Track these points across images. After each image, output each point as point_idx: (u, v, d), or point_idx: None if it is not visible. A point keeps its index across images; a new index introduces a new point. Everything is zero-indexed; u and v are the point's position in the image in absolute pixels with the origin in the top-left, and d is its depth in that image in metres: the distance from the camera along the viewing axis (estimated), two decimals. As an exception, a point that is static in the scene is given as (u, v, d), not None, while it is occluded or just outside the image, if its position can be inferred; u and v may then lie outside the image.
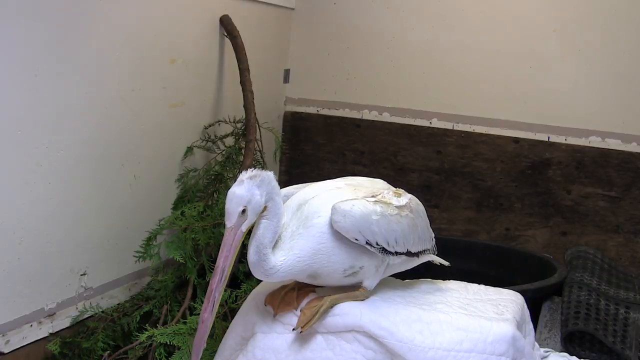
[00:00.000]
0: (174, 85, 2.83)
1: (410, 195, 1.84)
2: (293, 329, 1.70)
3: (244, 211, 1.59)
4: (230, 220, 1.60)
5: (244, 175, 1.61)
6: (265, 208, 1.62)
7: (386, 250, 1.70)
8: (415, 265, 1.92)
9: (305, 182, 1.88)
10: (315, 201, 1.70)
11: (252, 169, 1.63)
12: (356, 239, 1.64)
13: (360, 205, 1.65)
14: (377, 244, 1.67)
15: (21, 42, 2.08)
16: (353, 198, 1.68)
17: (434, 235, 1.96)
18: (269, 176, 1.63)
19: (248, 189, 1.58)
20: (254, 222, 1.63)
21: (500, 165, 3.49)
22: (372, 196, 1.73)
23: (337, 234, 1.65)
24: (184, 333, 2.17)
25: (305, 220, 1.67)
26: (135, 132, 2.64)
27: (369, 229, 1.64)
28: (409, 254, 1.78)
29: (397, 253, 1.73)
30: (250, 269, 1.66)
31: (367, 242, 1.65)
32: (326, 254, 1.66)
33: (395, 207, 1.73)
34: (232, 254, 1.61)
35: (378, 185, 1.87)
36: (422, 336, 1.66)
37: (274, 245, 1.65)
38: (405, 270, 1.90)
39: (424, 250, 1.88)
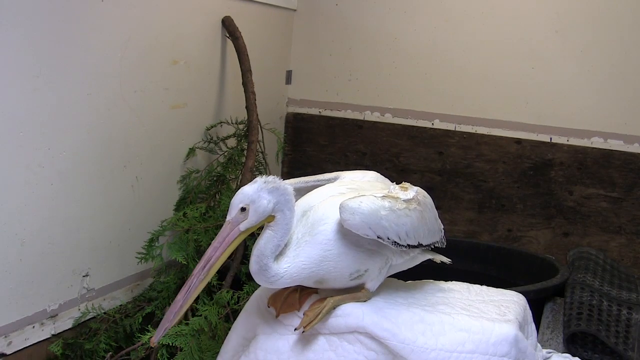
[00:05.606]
0: (176, 87, 2.83)
1: (416, 188, 1.82)
2: (295, 329, 1.70)
3: (244, 209, 1.59)
4: (230, 214, 1.60)
5: (261, 178, 1.61)
6: (272, 218, 1.61)
7: (399, 244, 1.68)
8: (417, 263, 1.91)
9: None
10: (320, 208, 1.69)
11: (272, 176, 1.63)
12: (367, 235, 1.63)
13: (368, 202, 1.63)
14: (388, 238, 1.65)
15: (23, 43, 2.09)
16: (360, 195, 1.66)
17: (442, 226, 1.95)
18: (287, 189, 1.62)
19: (257, 189, 1.59)
20: (257, 227, 1.62)
21: (502, 166, 3.48)
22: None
23: (344, 240, 1.65)
24: (186, 334, 2.17)
25: (311, 227, 1.66)
26: (138, 133, 2.64)
27: (378, 224, 1.62)
28: (420, 246, 1.78)
29: (409, 246, 1.72)
30: (253, 277, 1.65)
31: (378, 237, 1.64)
32: (333, 260, 1.65)
33: (403, 201, 1.71)
34: (223, 247, 1.61)
35: (377, 184, 1.87)
36: (425, 337, 1.66)
37: (279, 252, 1.65)
38: (408, 271, 1.90)
39: (434, 242, 1.87)
